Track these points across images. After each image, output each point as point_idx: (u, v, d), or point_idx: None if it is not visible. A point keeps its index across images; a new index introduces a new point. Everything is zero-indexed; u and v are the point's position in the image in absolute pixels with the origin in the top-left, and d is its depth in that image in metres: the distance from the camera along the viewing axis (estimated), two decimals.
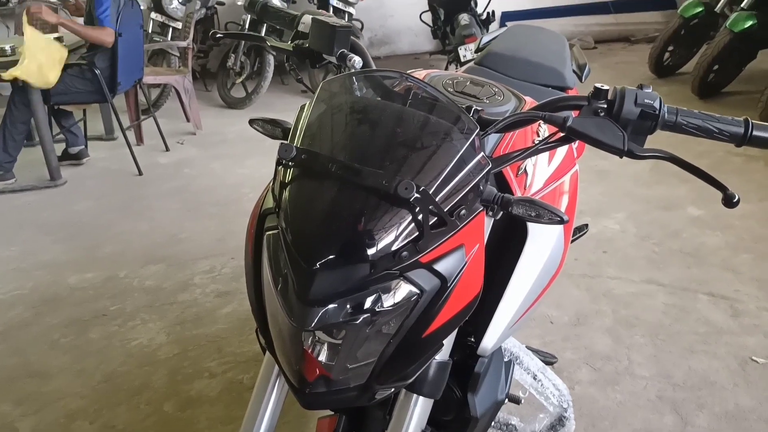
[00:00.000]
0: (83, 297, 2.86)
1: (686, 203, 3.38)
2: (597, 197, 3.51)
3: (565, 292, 2.67)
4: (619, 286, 2.69)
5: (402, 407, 1.01)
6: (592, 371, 2.21)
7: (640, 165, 3.90)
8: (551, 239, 1.12)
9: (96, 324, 2.65)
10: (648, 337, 2.36)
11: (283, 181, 0.89)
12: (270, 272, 0.89)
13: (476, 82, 1.27)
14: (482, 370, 1.11)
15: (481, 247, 0.91)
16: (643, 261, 2.87)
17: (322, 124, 0.90)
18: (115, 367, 2.38)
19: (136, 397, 2.22)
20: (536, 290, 1.11)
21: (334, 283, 0.82)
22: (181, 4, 5.33)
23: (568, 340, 2.37)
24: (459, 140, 0.87)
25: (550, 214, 0.89)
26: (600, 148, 0.94)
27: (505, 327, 1.08)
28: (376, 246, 0.82)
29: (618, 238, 3.09)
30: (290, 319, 0.84)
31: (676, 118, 0.96)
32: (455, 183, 0.85)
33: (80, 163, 4.46)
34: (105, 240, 3.39)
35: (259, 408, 1.10)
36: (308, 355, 0.88)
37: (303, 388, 0.90)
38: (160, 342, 2.50)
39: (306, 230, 0.84)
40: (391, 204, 0.81)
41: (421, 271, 0.85)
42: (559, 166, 1.26)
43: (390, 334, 0.87)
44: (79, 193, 4.04)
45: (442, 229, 0.84)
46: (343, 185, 0.84)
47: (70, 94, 4.01)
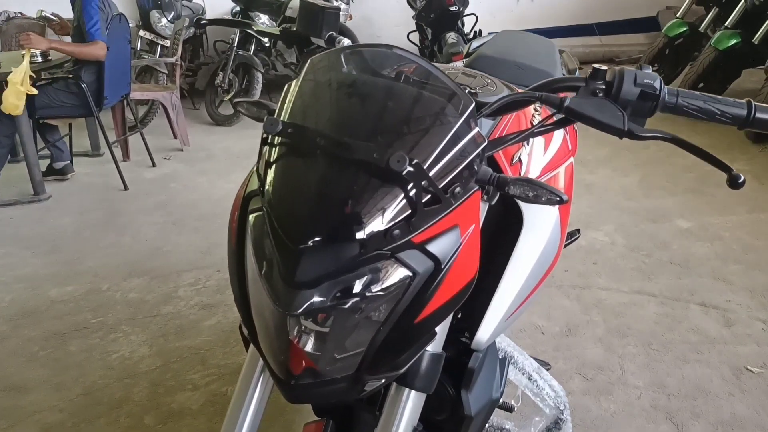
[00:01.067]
0: (64, 310, 2.79)
1: (674, 216, 3.37)
2: (585, 210, 3.50)
3: (555, 302, 2.64)
4: (610, 297, 2.66)
5: (393, 402, 0.96)
6: (585, 381, 2.17)
7: (628, 178, 3.90)
8: (548, 228, 1.09)
9: (76, 337, 2.58)
10: (640, 346, 2.33)
11: (268, 159, 0.85)
12: (254, 256, 0.85)
13: (468, 73, 1.25)
14: (477, 366, 1.06)
15: (477, 229, 0.88)
16: (633, 272, 2.85)
17: (309, 99, 0.87)
18: (95, 380, 2.31)
19: (116, 410, 2.15)
20: (532, 281, 1.07)
21: (321, 265, 0.78)
22: (169, 22, 5.31)
23: (560, 350, 2.33)
24: (453, 115, 0.84)
25: (548, 193, 0.86)
26: (599, 128, 0.91)
27: (500, 319, 1.04)
28: (367, 224, 0.78)
29: (607, 249, 3.07)
30: (275, 304, 0.80)
31: (677, 99, 0.93)
32: (449, 159, 0.81)
33: (65, 178, 4.39)
34: (87, 254, 3.32)
35: (242, 406, 1.05)
36: (294, 345, 0.83)
37: (288, 380, 0.86)
38: (142, 354, 2.44)
39: (292, 208, 0.80)
40: (382, 179, 0.78)
41: (414, 252, 0.81)
42: (554, 157, 1.23)
43: (380, 321, 0.83)
44: (62, 207, 3.97)
45: (435, 206, 0.81)
46: (332, 160, 0.80)
47: (56, 108, 3.95)
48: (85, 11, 3.73)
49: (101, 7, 3.78)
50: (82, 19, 3.77)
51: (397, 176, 0.76)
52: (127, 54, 4.25)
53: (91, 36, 3.74)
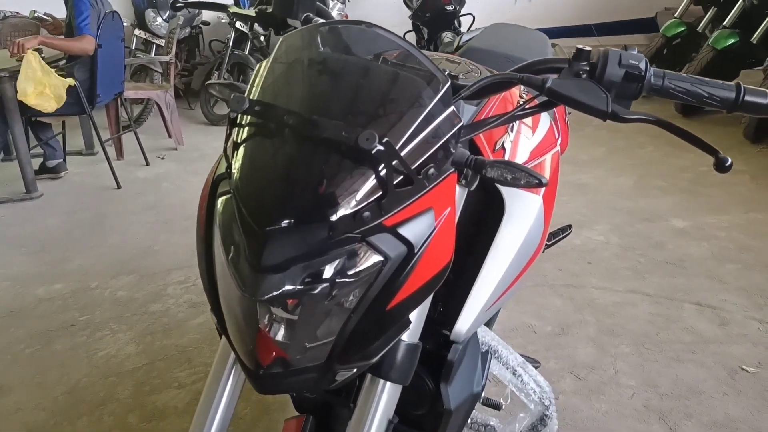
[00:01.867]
0: (51, 308, 2.76)
1: (670, 216, 3.34)
2: (580, 209, 3.46)
3: (547, 302, 2.60)
4: (603, 296, 2.63)
5: (368, 393, 0.93)
6: (576, 380, 2.13)
7: (623, 178, 3.87)
8: (530, 216, 1.05)
9: (62, 335, 2.54)
10: (633, 346, 2.29)
11: (236, 140, 0.82)
12: (221, 241, 0.82)
13: (452, 60, 1.22)
14: (456, 359, 1.03)
15: (452, 213, 0.84)
16: (628, 271, 2.82)
17: (279, 77, 0.84)
18: (79, 379, 2.27)
19: (100, 408, 2.11)
20: (514, 271, 1.04)
21: (288, 248, 0.75)
22: (164, 21, 5.29)
23: (551, 350, 2.30)
24: (428, 94, 0.80)
25: (527, 176, 0.82)
26: (582, 110, 0.87)
27: (480, 310, 1.00)
28: (335, 205, 0.75)
29: (601, 249, 3.04)
30: (241, 289, 0.77)
31: (663, 81, 0.90)
32: (423, 138, 0.78)
33: (58, 177, 4.36)
34: (77, 252, 3.28)
35: (214, 397, 1.02)
36: (262, 333, 0.79)
37: (257, 370, 0.82)
38: (128, 353, 2.40)
39: (258, 190, 0.77)
40: (351, 158, 0.74)
41: (386, 235, 0.78)
42: (539, 145, 1.20)
43: (351, 307, 0.79)
44: (54, 206, 3.94)
45: (408, 188, 0.77)
46: (299, 139, 0.77)
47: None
48: (76, 7, 3.71)
49: (92, 3, 3.76)
50: (73, 14, 3.74)
51: (367, 155, 0.72)
52: (121, 52, 4.23)
53: (79, 30, 3.72)
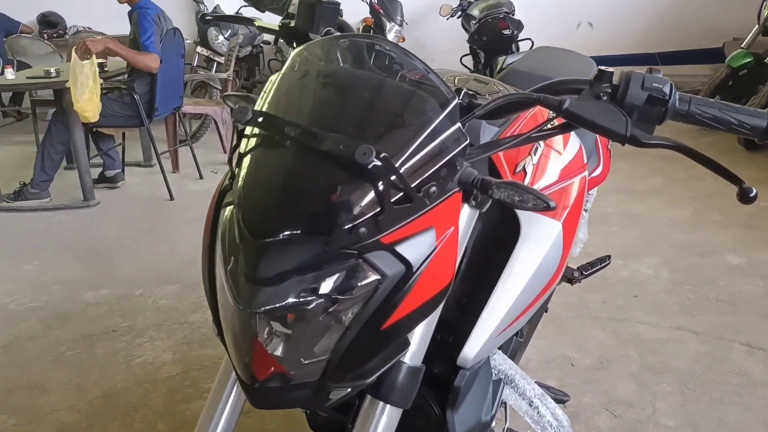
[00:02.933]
0: (96, 313, 2.83)
1: (725, 250, 3.19)
2: (630, 240, 3.36)
3: (589, 334, 2.52)
4: (648, 332, 2.53)
5: (366, 415, 0.91)
6: (612, 418, 2.05)
7: (679, 210, 3.73)
8: (547, 241, 1.02)
9: (104, 339, 2.61)
10: (676, 385, 2.19)
11: (240, 150, 0.82)
12: (221, 251, 0.82)
13: (480, 80, 1.20)
14: (463, 385, 0.99)
15: (455, 233, 0.82)
16: (676, 307, 2.70)
17: (286, 89, 0.84)
18: (116, 383, 2.32)
19: (132, 414, 2.15)
20: (527, 297, 1.00)
21: (284, 260, 0.74)
22: (225, 39, 5.44)
23: (588, 384, 2.21)
24: (433, 110, 0.79)
25: (534, 198, 0.79)
26: (600, 133, 0.85)
27: (489, 335, 0.97)
28: (330, 219, 0.74)
29: (650, 282, 2.93)
30: (236, 301, 0.76)
31: (689, 106, 0.86)
32: (425, 155, 0.76)
33: (115, 186, 4.51)
34: (126, 260, 3.37)
35: (216, 408, 1.01)
36: (258, 347, 0.79)
37: (252, 384, 0.81)
38: (165, 360, 2.44)
39: (256, 201, 0.77)
40: (348, 172, 0.74)
41: (383, 253, 0.76)
42: (564, 168, 1.16)
43: (346, 325, 0.78)
44: (109, 214, 4.08)
45: (407, 205, 0.76)
46: (299, 151, 0.76)
47: (109, 117, 4.07)
48: (141, 24, 3.85)
49: (156, 21, 3.89)
50: (138, 31, 3.88)
51: (364, 170, 0.71)
52: (180, 68, 4.36)
53: (145, 48, 3.85)
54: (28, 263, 3.36)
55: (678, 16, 6.79)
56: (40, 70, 4.25)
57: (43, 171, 4.09)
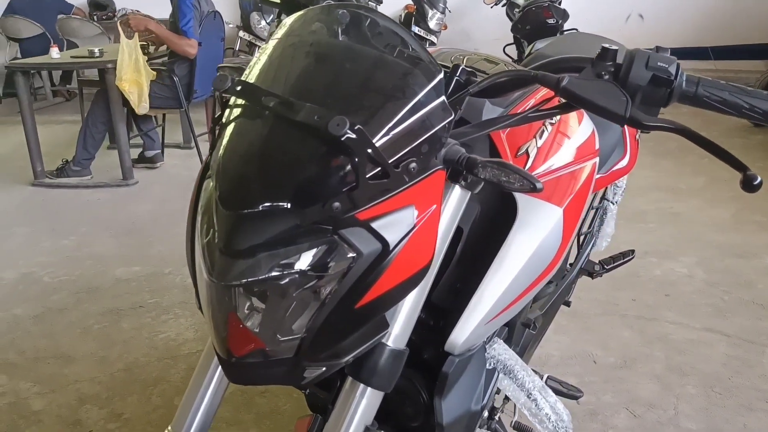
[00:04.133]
0: (125, 288, 2.89)
1: (764, 253, 3.07)
2: (666, 239, 3.25)
3: (614, 332, 2.45)
4: (677, 332, 2.44)
5: (346, 396, 0.89)
6: (632, 418, 1.99)
7: (719, 210, 3.61)
8: (545, 227, 0.98)
9: (130, 315, 2.66)
10: (701, 387, 2.11)
11: (221, 120, 0.81)
12: (200, 223, 0.81)
13: (491, 60, 1.16)
14: (451, 372, 0.97)
15: (437, 212, 0.79)
16: (709, 308, 2.61)
17: (269, 60, 0.82)
18: (138, 358, 2.36)
19: (150, 388, 2.18)
20: (521, 284, 0.97)
21: (258, 233, 0.73)
22: (267, 24, 5.47)
23: (610, 382, 2.15)
24: (416, 83, 0.76)
25: (521, 179, 0.76)
26: (598, 113, 0.81)
27: (478, 321, 0.94)
28: (303, 193, 0.72)
29: (683, 282, 2.83)
30: (210, 273, 0.75)
31: (697, 88, 0.82)
32: (404, 128, 0.74)
33: (154, 167, 4.59)
34: (159, 239, 3.43)
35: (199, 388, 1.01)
36: (234, 321, 0.78)
37: (228, 359, 0.81)
38: (187, 337, 2.47)
39: (231, 172, 0.76)
40: (321, 144, 0.72)
41: (359, 230, 0.74)
42: (571, 154, 1.11)
43: (319, 302, 0.76)
44: (147, 194, 4.15)
45: (384, 181, 0.73)
46: (276, 122, 0.75)
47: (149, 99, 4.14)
48: (180, 9, 3.89)
49: (195, 5, 3.93)
50: (177, 16, 3.93)
51: (337, 142, 0.69)
52: (220, 51, 4.41)
53: (183, 33, 3.90)
54: (65, 238, 3.45)
55: (732, 11, 6.56)
56: (84, 50, 4.35)
57: (85, 149, 4.19)
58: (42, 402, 2.12)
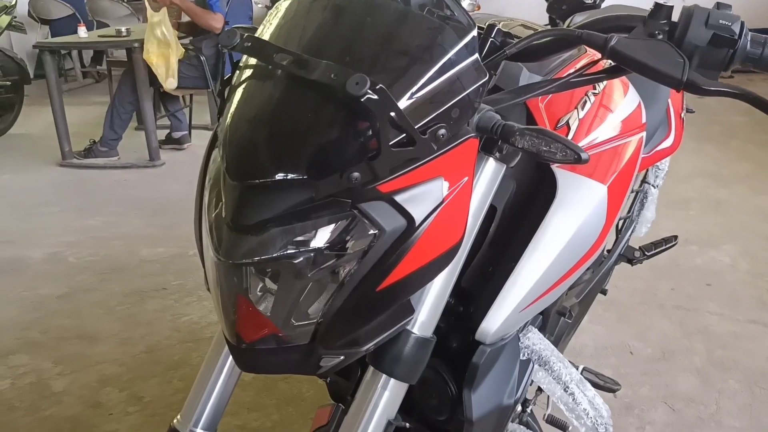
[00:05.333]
0: (150, 270, 2.86)
1: None
2: (708, 227, 3.12)
3: (652, 323, 2.34)
4: (719, 324, 2.33)
5: (367, 388, 0.81)
6: (671, 412, 1.89)
7: (764, 196, 3.45)
8: (587, 206, 0.89)
9: (154, 296, 2.62)
10: (745, 383, 2.00)
11: (231, 84, 0.73)
12: (207, 196, 0.74)
13: (529, 25, 1.07)
14: (482, 362, 0.88)
15: (468, 185, 0.71)
16: (753, 300, 2.48)
17: (283, 15, 0.74)
18: (160, 340, 2.32)
19: (171, 371, 2.14)
20: (560, 269, 0.88)
21: (269, 207, 0.66)
22: None
23: (647, 375, 2.05)
24: (446, 39, 0.68)
25: (564, 149, 0.68)
26: (650, 76, 0.72)
27: (513, 308, 0.85)
28: (318, 161, 0.64)
29: (726, 272, 2.70)
30: (217, 251, 0.68)
31: (763, 50, 0.72)
32: (432, 90, 0.65)
33: (181, 148, 4.57)
34: (185, 220, 3.39)
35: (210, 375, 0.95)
36: (243, 304, 0.71)
37: (238, 345, 0.74)
38: (210, 320, 2.42)
39: (240, 139, 0.68)
40: (338, 105, 0.64)
41: (382, 204, 0.66)
42: (617, 127, 1.02)
43: (336, 284, 0.68)
44: (174, 175, 4.12)
45: (409, 149, 0.65)
46: (289, 82, 0.67)
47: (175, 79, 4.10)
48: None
49: None
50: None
51: (356, 103, 0.61)
52: None
53: (210, 7, 3.83)
54: (92, 218, 3.44)
55: None
56: (112, 30, 4.32)
57: (112, 129, 4.18)
58: (63, 382, 2.09)
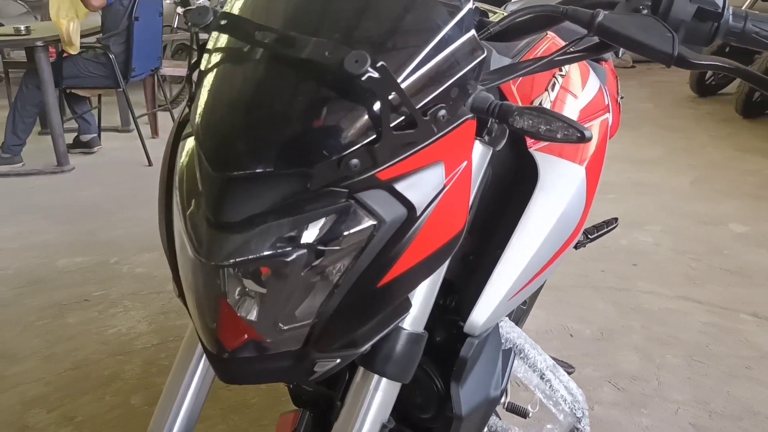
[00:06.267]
0: (69, 281, 2.68)
1: (729, 219, 3.08)
2: (630, 209, 3.23)
3: (589, 304, 2.40)
4: (651, 301, 2.41)
5: (358, 390, 0.76)
6: (616, 391, 1.93)
7: (680, 178, 3.61)
8: (569, 189, 0.88)
9: (76, 309, 2.46)
10: (682, 357, 2.08)
11: (201, 67, 0.67)
12: (179, 191, 0.66)
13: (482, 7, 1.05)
14: (470, 356, 0.85)
15: (468, 169, 0.67)
16: (680, 277, 2.58)
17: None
18: (88, 355, 2.17)
19: (104, 387, 2.00)
20: (545, 254, 0.86)
21: (256, 200, 0.59)
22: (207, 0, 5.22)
23: (590, 356, 2.09)
24: (441, 14, 0.63)
25: (566, 127, 0.65)
26: (641, 52, 0.70)
27: (501, 298, 0.83)
28: (313, 148, 0.59)
29: (651, 251, 2.80)
30: (196, 252, 0.62)
31: (745, 23, 0.72)
32: (431, 68, 0.61)
33: (91, 152, 4.33)
34: (103, 226, 3.21)
35: (179, 387, 0.87)
36: (225, 309, 0.64)
37: (220, 354, 0.67)
38: (140, 331, 2.29)
39: (220, 126, 0.62)
40: (335, 86, 0.58)
41: (380, 192, 0.62)
42: (585, 108, 1.01)
43: (333, 281, 0.63)
44: (85, 180, 3.90)
45: (410, 132, 0.61)
46: (274, 62, 0.61)
47: (83, 78, 3.88)
48: None
49: None
50: None
51: (355, 83, 0.56)
52: (158, 26, 4.16)
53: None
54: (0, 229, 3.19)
55: None
56: (9, 29, 4.03)
57: (15, 134, 3.90)
58: None
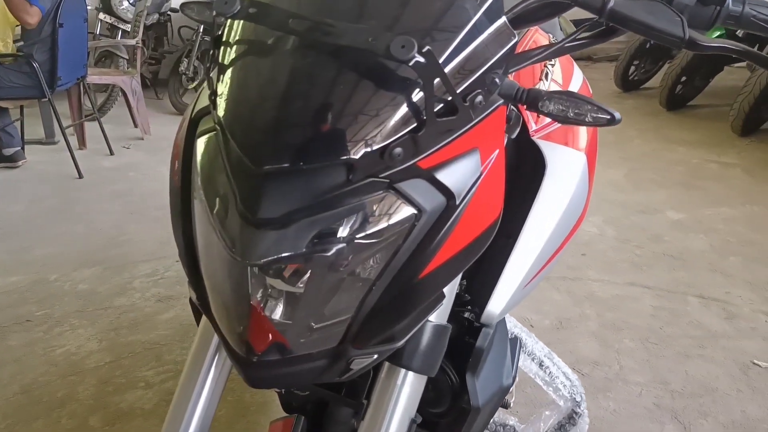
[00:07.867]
0: (5, 302, 2.52)
1: (665, 208, 3.22)
2: None
3: (544, 295, 2.45)
4: (602, 289, 2.49)
5: (385, 386, 0.75)
6: (580, 377, 1.96)
7: (614, 171, 3.75)
8: (574, 175, 0.89)
9: (17, 330, 2.31)
10: (638, 341, 2.15)
11: (223, 60, 0.64)
12: (203, 190, 0.63)
13: None
14: (486, 346, 0.85)
15: (501, 156, 0.67)
16: (626, 264, 2.68)
17: None
18: (36, 378, 2.05)
19: (58, 410, 1.90)
20: (557, 239, 0.87)
21: (293, 196, 0.57)
22: (131, 4, 5.04)
23: (551, 345, 2.10)
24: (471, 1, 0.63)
25: (595, 111, 0.66)
26: (652, 37, 0.72)
27: (517, 286, 0.83)
28: (356, 138, 0.57)
29: (596, 241, 2.90)
30: (231, 251, 0.59)
31: (744, 7, 0.75)
32: (469, 53, 0.61)
33: (15, 166, 4.09)
34: (36, 243, 3.04)
35: (192, 393, 0.83)
36: (257, 310, 0.61)
37: (249, 357, 0.64)
38: (90, 349, 2.18)
39: (252, 119, 0.59)
40: (379, 73, 0.57)
41: (419, 182, 0.61)
42: None
43: (373, 276, 0.61)
44: (11, 195, 3.68)
45: (451, 118, 0.60)
46: (309, 50, 0.59)
47: (5, 89, 3.66)
48: None
49: None
50: None
51: (399, 69, 0.55)
52: (84, 33, 3.98)
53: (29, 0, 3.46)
54: None
55: None
56: None
57: None
58: None
